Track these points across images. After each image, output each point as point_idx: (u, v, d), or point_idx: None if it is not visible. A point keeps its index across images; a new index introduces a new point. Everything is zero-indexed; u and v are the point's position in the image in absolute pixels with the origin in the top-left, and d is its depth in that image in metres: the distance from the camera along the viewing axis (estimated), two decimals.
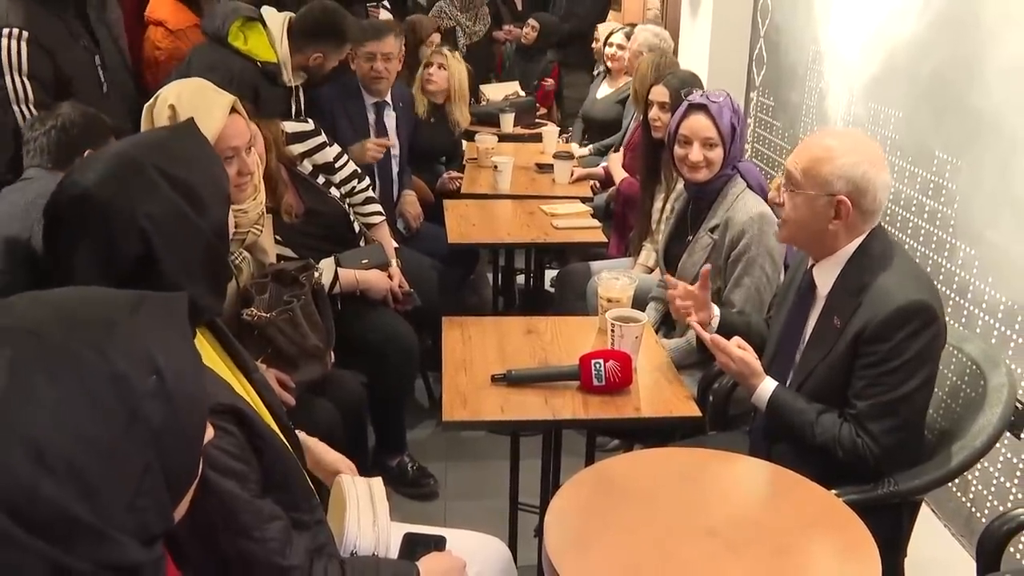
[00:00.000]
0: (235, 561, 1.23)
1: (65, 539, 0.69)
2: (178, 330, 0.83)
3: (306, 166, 2.87)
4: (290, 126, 2.83)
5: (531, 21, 6.18)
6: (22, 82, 2.67)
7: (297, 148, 2.83)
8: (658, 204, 3.20)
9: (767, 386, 1.92)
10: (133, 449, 0.73)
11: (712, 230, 2.50)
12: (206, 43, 3.22)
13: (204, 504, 0.88)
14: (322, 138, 2.93)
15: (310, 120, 2.99)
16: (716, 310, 2.21)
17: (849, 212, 1.82)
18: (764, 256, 2.40)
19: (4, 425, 0.68)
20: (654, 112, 3.15)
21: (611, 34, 4.90)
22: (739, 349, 1.95)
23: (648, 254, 3.30)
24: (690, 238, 2.59)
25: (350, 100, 3.63)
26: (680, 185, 2.84)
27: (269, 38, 3.17)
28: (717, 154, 2.49)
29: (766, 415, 1.92)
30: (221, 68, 2.98)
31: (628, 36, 4.75)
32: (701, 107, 2.50)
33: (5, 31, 2.66)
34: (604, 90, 4.93)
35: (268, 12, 3.23)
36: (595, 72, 5.47)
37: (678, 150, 2.56)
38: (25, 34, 2.68)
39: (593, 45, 5.46)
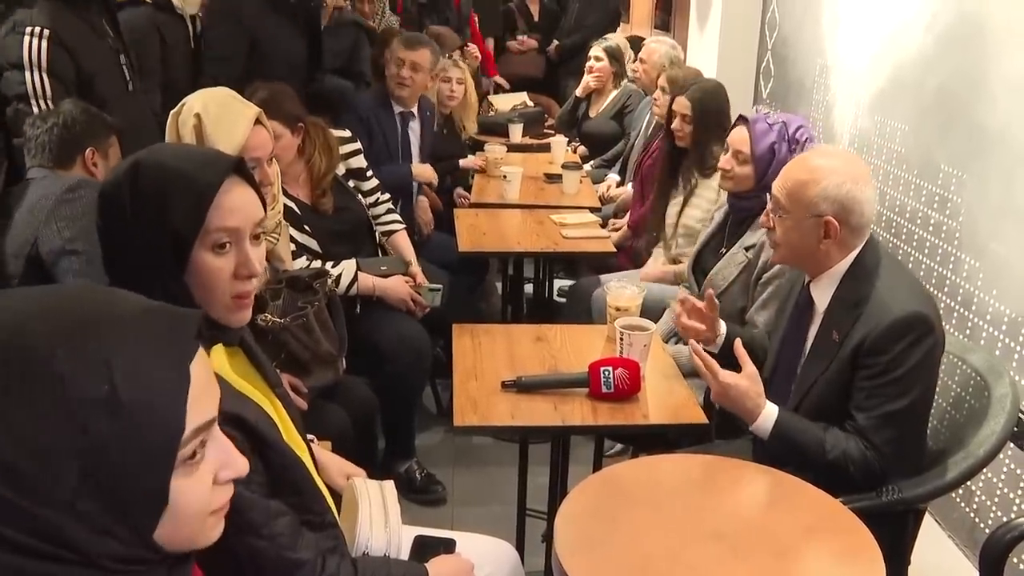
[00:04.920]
0: (246, 560, 1.25)
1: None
2: (170, 347, 0.79)
3: (340, 168, 2.99)
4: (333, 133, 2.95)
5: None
6: (41, 78, 2.72)
7: (340, 148, 2.96)
8: (673, 209, 3.24)
9: (770, 411, 1.88)
10: (66, 452, 0.72)
11: (748, 248, 2.54)
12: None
13: None
14: (358, 145, 3.11)
15: (348, 129, 3.13)
16: (723, 328, 2.20)
17: (838, 231, 1.86)
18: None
19: None
20: (676, 123, 3.21)
21: (589, 48, 4.84)
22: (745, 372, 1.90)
23: (656, 259, 3.33)
24: (723, 250, 2.63)
25: (381, 108, 3.73)
26: (723, 197, 2.86)
27: None
28: (745, 171, 2.52)
29: (770, 441, 1.88)
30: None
31: (607, 50, 4.73)
32: (746, 121, 2.56)
33: (28, 29, 2.73)
34: (595, 108, 4.88)
35: None
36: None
37: (722, 154, 2.65)
38: (47, 32, 2.74)
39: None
